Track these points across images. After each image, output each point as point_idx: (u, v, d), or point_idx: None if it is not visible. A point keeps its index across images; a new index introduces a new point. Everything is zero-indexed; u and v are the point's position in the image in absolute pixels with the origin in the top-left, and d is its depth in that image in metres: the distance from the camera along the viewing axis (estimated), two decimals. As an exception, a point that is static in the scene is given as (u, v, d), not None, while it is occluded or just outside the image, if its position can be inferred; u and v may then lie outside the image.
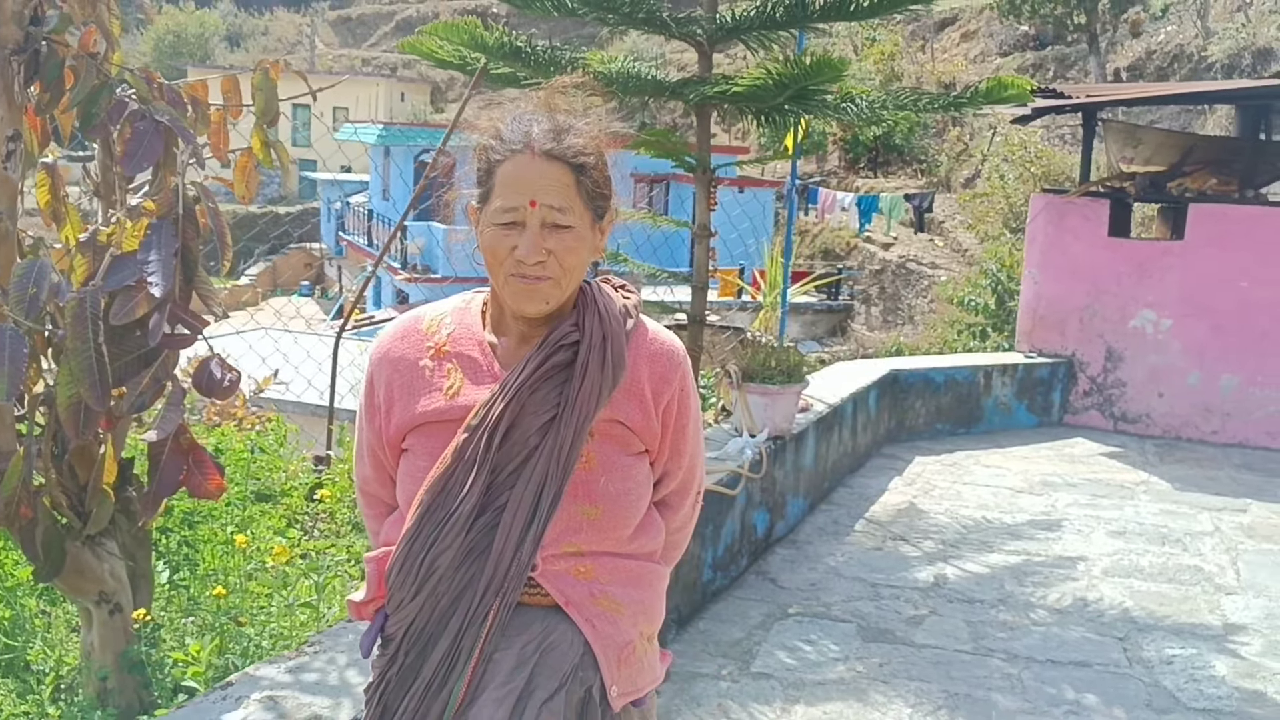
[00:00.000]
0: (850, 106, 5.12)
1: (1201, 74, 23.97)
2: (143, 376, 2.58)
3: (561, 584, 1.71)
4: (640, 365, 1.76)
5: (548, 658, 1.68)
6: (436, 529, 1.64)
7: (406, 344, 1.78)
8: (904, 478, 6.38)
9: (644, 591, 1.79)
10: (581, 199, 1.67)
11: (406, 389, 1.75)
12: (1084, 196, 7.73)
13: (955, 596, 4.62)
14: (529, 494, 1.64)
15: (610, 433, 1.73)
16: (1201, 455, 7.11)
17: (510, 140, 1.66)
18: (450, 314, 1.81)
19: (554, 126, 1.67)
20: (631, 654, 1.76)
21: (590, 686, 1.70)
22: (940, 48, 34.71)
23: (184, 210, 2.59)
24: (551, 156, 1.64)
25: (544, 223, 1.64)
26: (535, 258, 1.63)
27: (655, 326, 1.83)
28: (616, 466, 1.73)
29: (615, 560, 1.75)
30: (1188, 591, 4.75)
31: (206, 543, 3.48)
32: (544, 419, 1.67)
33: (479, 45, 4.71)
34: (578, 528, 1.70)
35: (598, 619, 1.72)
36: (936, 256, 24.03)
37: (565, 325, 1.71)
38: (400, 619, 1.70)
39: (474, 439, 1.65)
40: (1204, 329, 7.35)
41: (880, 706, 3.65)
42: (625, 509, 1.73)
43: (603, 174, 1.70)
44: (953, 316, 14.82)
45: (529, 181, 1.63)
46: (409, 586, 1.66)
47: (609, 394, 1.70)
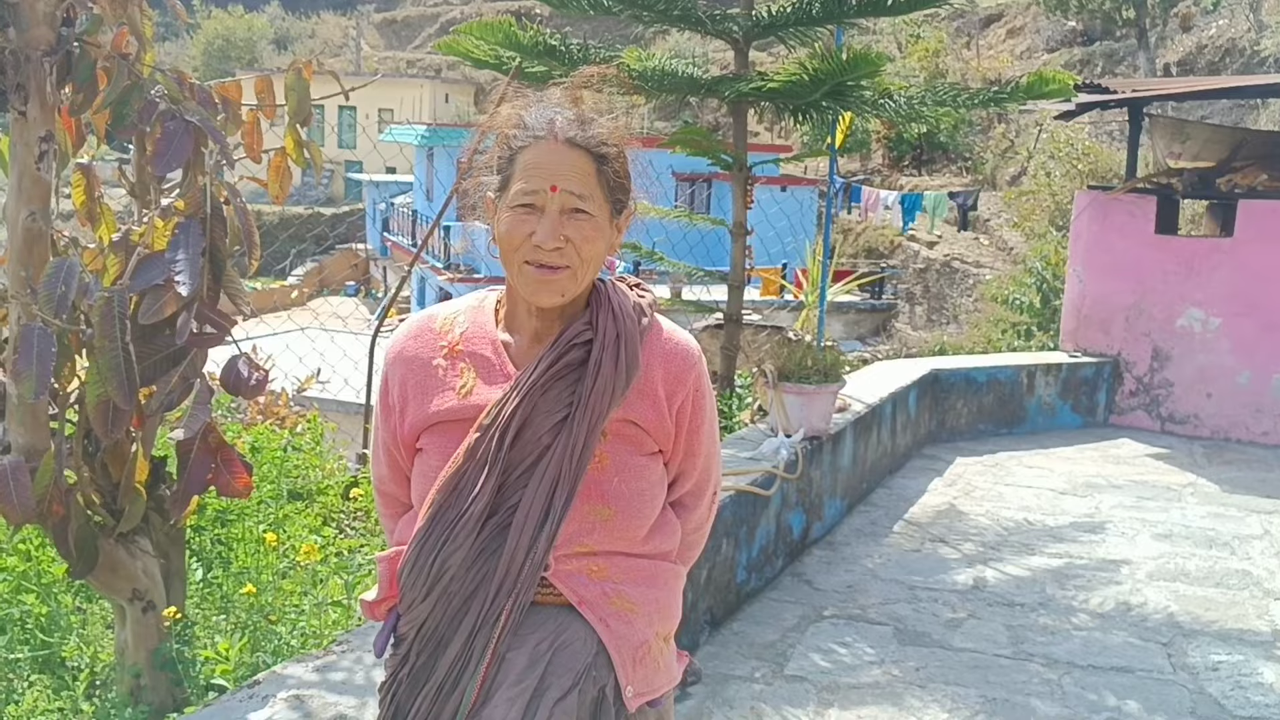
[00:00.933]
0: (888, 103, 5.07)
1: (1254, 68, 23.51)
2: (171, 375, 2.59)
3: (574, 583, 1.69)
4: (654, 364, 1.73)
5: (561, 656, 1.66)
6: (448, 529, 1.63)
7: (420, 343, 1.77)
8: (944, 479, 6.30)
9: (659, 591, 1.76)
10: (602, 189, 1.65)
11: (420, 388, 1.74)
12: (1130, 193, 7.60)
13: (995, 600, 4.54)
14: (541, 494, 1.62)
15: (623, 433, 1.71)
16: (1251, 457, 6.95)
17: (533, 127, 1.65)
18: (464, 312, 1.79)
19: (578, 116, 1.66)
20: (647, 654, 1.74)
21: (604, 686, 1.68)
22: (985, 44, 34.36)
23: (212, 210, 2.60)
24: (574, 144, 1.63)
25: (563, 209, 1.62)
26: (553, 243, 1.61)
27: (670, 325, 1.80)
28: (630, 467, 1.71)
29: (629, 560, 1.73)
30: (1235, 596, 4.64)
31: (239, 541, 3.50)
32: (556, 418, 1.65)
33: (514, 44, 4.71)
34: (590, 528, 1.68)
35: (612, 619, 1.70)
36: (981, 255, 23.78)
37: (578, 324, 1.70)
38: (412, 619, 1.68)
39: (486, 438, 1.64)
40: (1254, 328, 7.19)
41: (916, 711, 3.59)
42: (638, 509, 1.71)
43: (623, 167, 1.68)
44: (997, 315, 14.65)
45: (550, 167, 1.62)
46: (420, 586, 1.65)
47: (622, 393, 1.68)
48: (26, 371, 2.27)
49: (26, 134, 2.71)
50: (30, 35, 2.66)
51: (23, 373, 2.27)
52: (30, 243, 2.73)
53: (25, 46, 2.66)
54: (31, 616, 3.20)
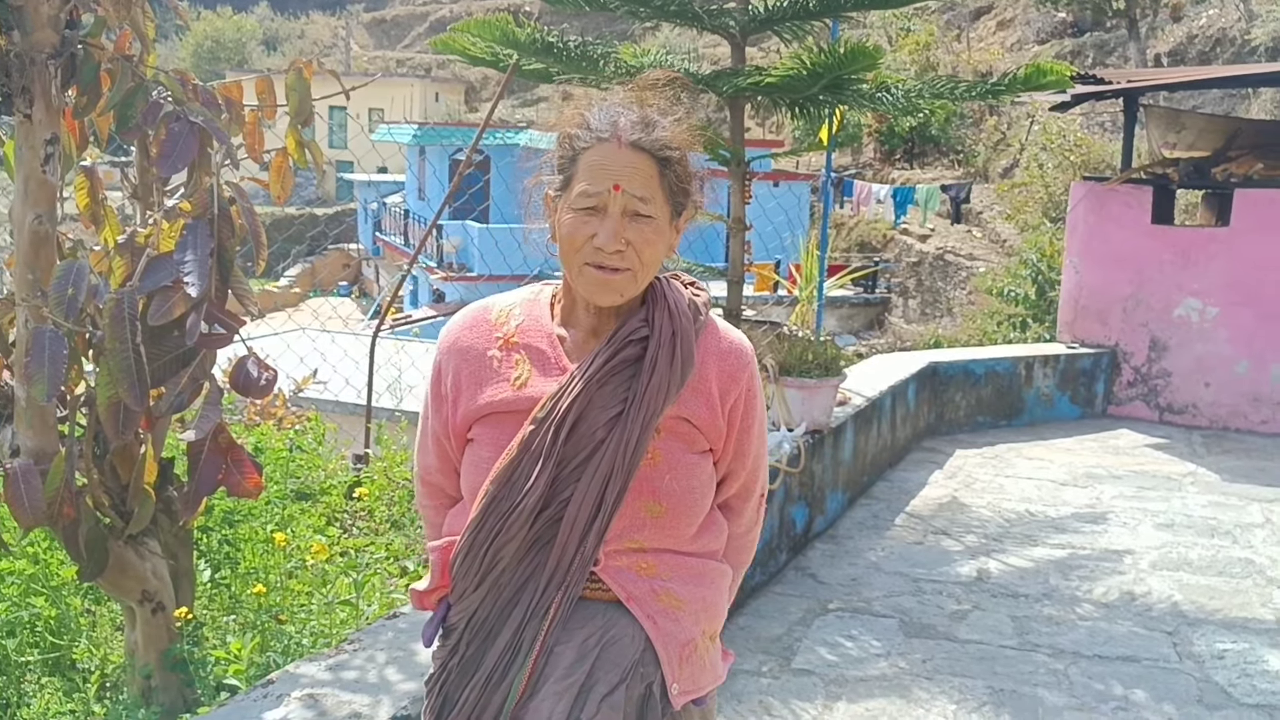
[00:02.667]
0: (885, 96, 5.06)
1: (1245, 58, 23.55)
2: (181, 376, 2.59)
3: (623, 579, 1.71)
4: (709, 363, 1.75)
5: (609, 652, 1.68)
6: (501, 520, 1.65)
7: (475, 334, 1.78)
8: (944, 471, 6.31)
9: (706, 589, 1.78)
10: (664, 192, 1.66)
11: (474, 378, 1.76)
12: (1126, 183, 7.61)
13: (999, 591, 4.56)
14: (594, 488, 1.64)
15: (676, 430, 1.72)
16: (1251, 446, 6.98)
17: (597, 128, 1.65)
18: (519, 305, 1.81)
19: (642, 118, 1.66)
20: (694, 652, 1.75)
21: (651, 682, 1.70)
22: (976, 36, 34.35)
23: (219, 211, 2.60)
24: (638, 147, 1.64)
25: (625, 210, 1.63)
26: (614, 245, 1.62)
27: (725, 325, 1.82)
28: (681, 464, 1.72)
29: (677, 558, 1.74)
30: (1239, 584, 4.66)
31: (247, 541, 3.50)
32: (611, 413, 1.66)
33: (510, 41, 4.70)
34: (641, 524, 1.70)
35: (659, 616, 1.71)
36: (974, 248, 23.79)
37: (635, 320, 1.71)
38: (463, 609, 1.71)
39: (541, 431, 1.65)
40: (1252, 317, 7.21)
41: (924, 703, 3.60)
42: (689, 507, 1.73)
43: (686, 170, 1.69)
44: (992, 308, 14.65)
45: (614, 169, 1.63)
46: (472, 576, 1.67)
47: (677, 391, 1.69)
48: (39, 374, 2.27)
49: (32, 137, 2.71)
50: (35, 38, 2.65)
51: (35, 375, 2.27)
52: (37, 246, 2.73)
53: (30, 50, 2.65)
54: (41, 619, 3.20)
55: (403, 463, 4.90)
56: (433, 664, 1.79)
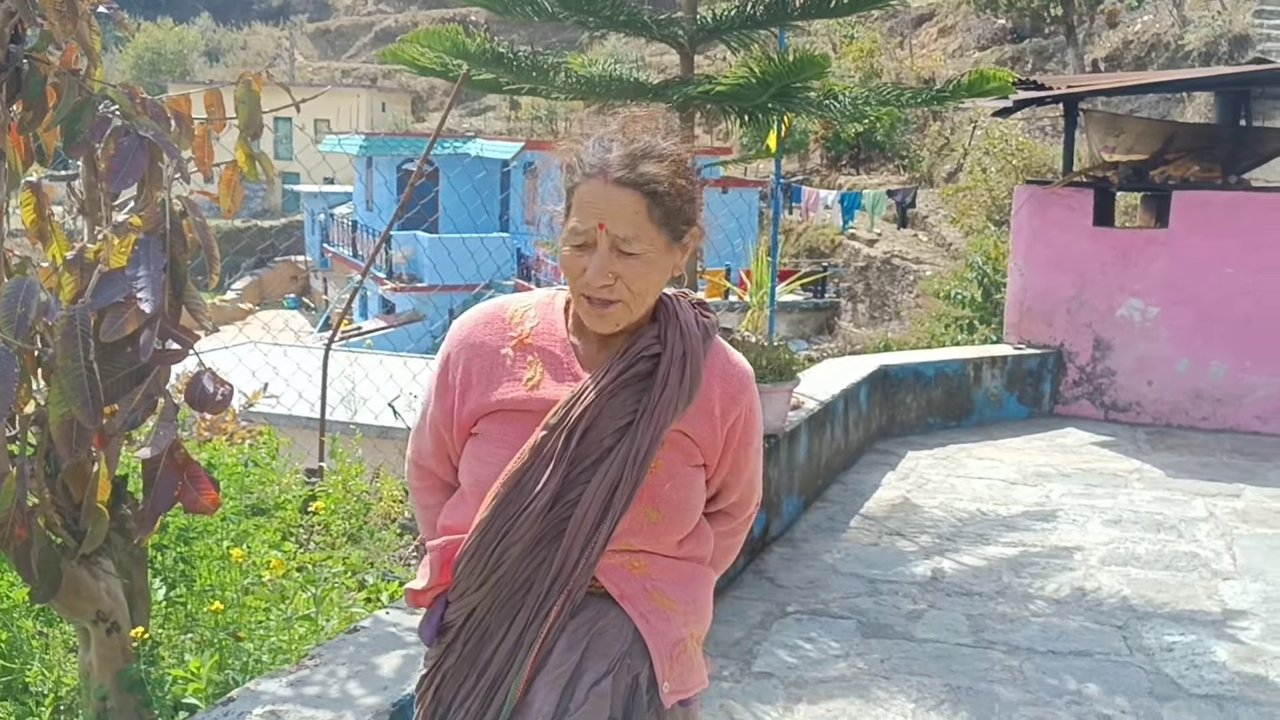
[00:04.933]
0: (833, 103, 5.13)
1: (1179, 62, 24.07)
2: (134, 393, 2.56)
3: (616, 577, 1.75)
4: (713, 383, 1.81)
5: (597, 642, 1.72)
6: (509, 521, 1.68)
7: (490, 330, 1.82)
8: (897, 472, 6.38)
9: (695, 592, 1.83)
10: (654, 224, 1.68)
11: (485, 375, 1.79)
12: (1068, 187, 7.76)
13: (954, 590, 4.62)
14: (601, 493, 1.68)
15: (677, 443, 1.78)
16: (1193, 442, 7.13)
17: (588, 164, 1.69)
18: (535, 308, 1.84)
19: (629, 153, 1.68)
20: (683, 652, 1.80)
21: (638, 674, 1.74)
22: (918, 43, 34.79)
23: (171, 225, 2.58)
24: (623, 184, 1.66)
25: (613, 247, 1.66)
26: (601, 281, 1.66)
27: (729, 348, 1.88)
28: (680, 475, 1.77)
29: (666, 561, 1.80)
30: (1185, 578, 4.76)
31: (202, 558, 3.47)
32: (621, 423, 1.71)
33: (461, 52, 4.70)
34: (637, 529, 1.74)
35: (651, 615, 1.76)
36: (921, 252, 24.07)
37: (647, 337, 1.76)
38: (463, 606, 1.73)
39: (553, 436, 1.69)
40: (1191, 316, 7.38)
41: (883, 703, 3.65)
42: (683, 516, 1.79)
43: (681, 198, 1.70)
44: (939, 311, 14.85)
45: (599, 206, 1.66)
46: (476, 576, 1.70)
47: (684, 407, 1.75)
48: (-11, 393, 2.23)
49: (-23, 153, 2.67)
50: (-22, 53, 2.62)
51: (-15, 395, 2.24)
52: (-17, 263, 2.69)
53: (-27, 64, 2.62)
54: (-9, 643, 3.15)
55: (358, 475, 4.88)
56: (424, 664, 1.81)
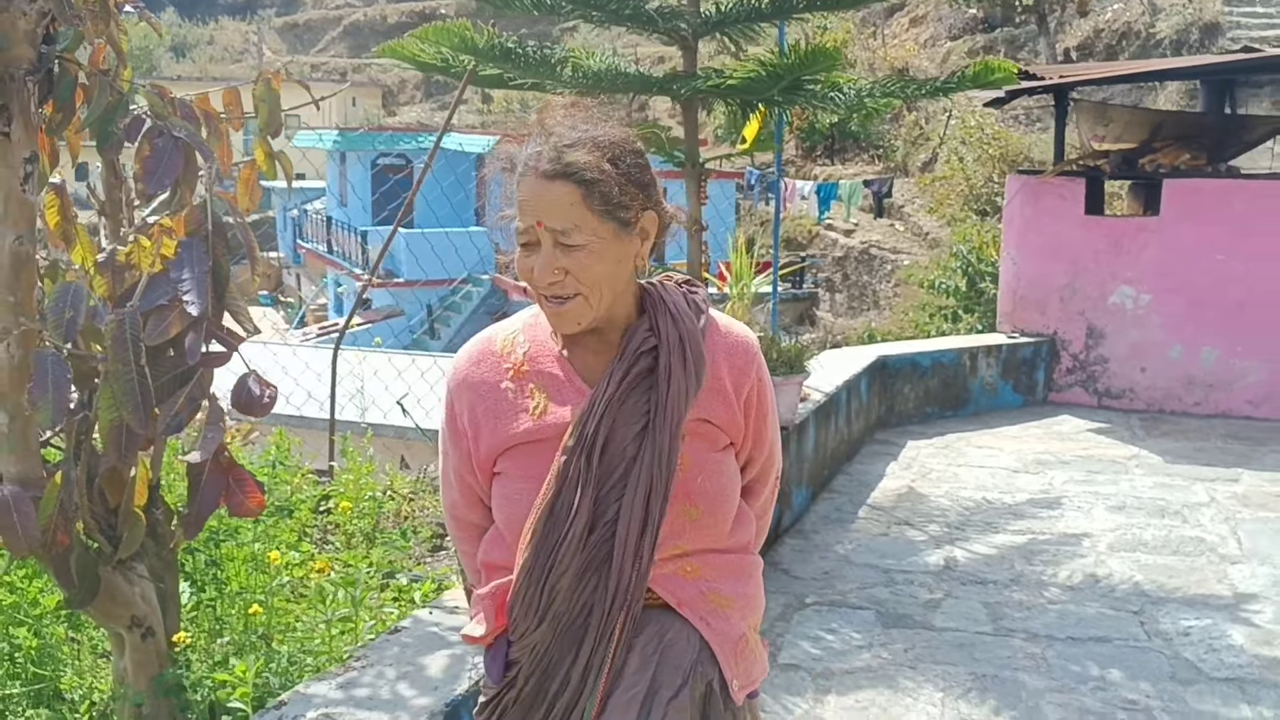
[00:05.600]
0: (838, 95, 5.14)
1: (1150, 51, 24.26)
2: (178, 397, 2.54)
3: (672, 585, 1.72)
4: (719, 360, 1.76)
5: (668, 655, 1.69)
6: (551, 554, 1.64)
7: (484, 368, 1.78)
8: (899, 462, 6.42)
9: (747, 584, 1.81)
10: (593, 214, 1.63)
11: (491, 413, 1.75)
12: (1059, 176, 7.81)
13: (968, 578, 4.66)
14: (638, 504, 1.64)
15: (698, 431, 1.74)
16: (1187, 427, 7.21)
17: (521, 163, 1.66)
18: (521, 331, 1.80)
19: (555, 146, 1.64)
20: (745, 647, 1.79)
21: (710, 680, 1.73)
22: (891, 33, 34.89)
23: (214, 227, 2.56)
24: (551, 176, 1.62)
25: (555, 242, 1.63)
26: (548, 278, 1.63)
27: (725, 319, 1.83)
28: (709, 464, 1.74)
29: (718, 556, 1.77)
30: (1194, 563, 4.82)
31: (230, 561, 3.44)
32: (637, 428, 1.67)
33: (469, 48, 4.68)
34: (681, 529, 1.71)
35: (711, 616, 1.74)
36: (898, 241, 24.17)
37: (641, 331, 1.71)
38: (526, 645, 1.69)
39: (574, 459, 1.65)
40: (1183, 303, 7.45)
41: (911, 692, 3.67)
42: (723, 505, 1.75)
43: (619, 183, 1.65)
44: (922, 300, 14.92)
45: (534, 203, 1.63)
46: (533, 615, 1.66)
47: (695, 393, 1.70)
48: (43, 400, 2.21)
49: (10, 156, 2.63)
50: (12, 54, 2.58)
51: (39, 401, 2.22)
52: (18, 268, 2.64)
53: (7, 66, 2.58)
54: (21, 650, 3.11)
55: (369, 473, 4.86)
56: (483, 694, 1.78)
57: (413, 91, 47.83)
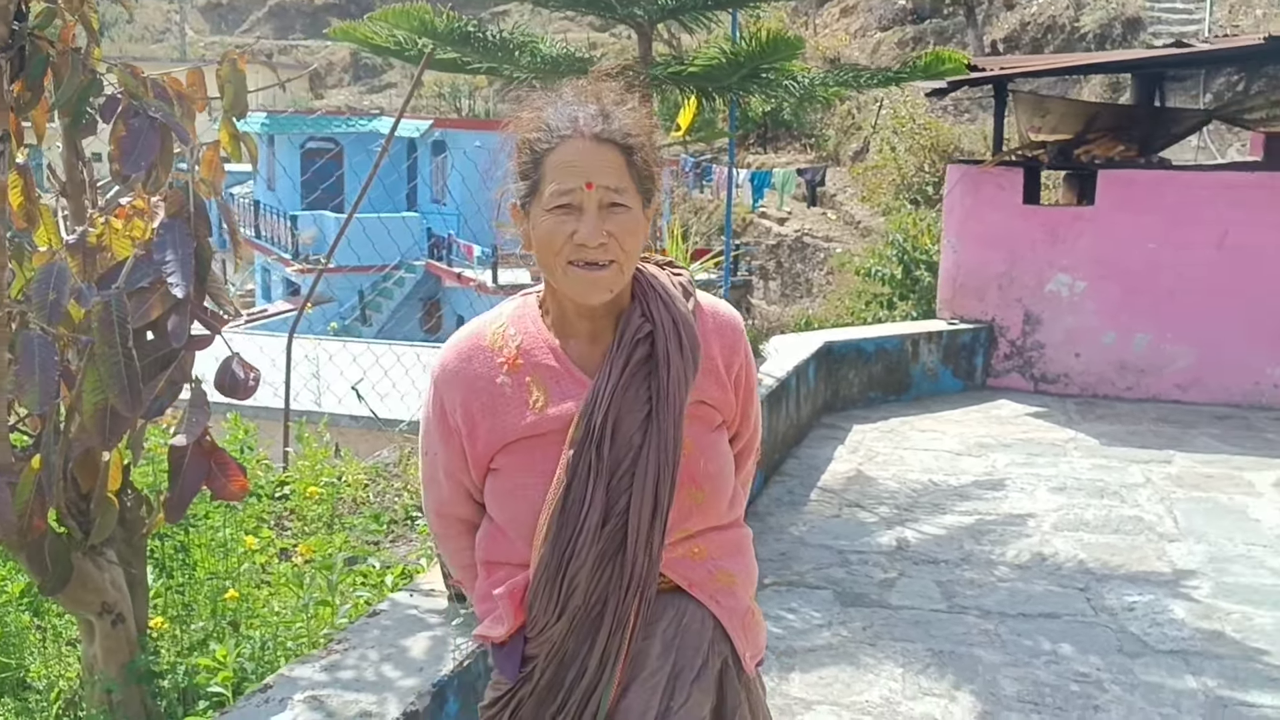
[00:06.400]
0: (792, 84, 5.20)
1: (1074, 44, 24.79)
2: (159, 380, 2.51)
3: (682, 568, 1.76)
4: (710, 341, 1.78)
5: (686, 638, 1.73)
6: (568, 546, 1.65)
7: (476, 364, 1.76)
8: (846, 446, 6.53)
9: (745, 558, 1.87)
10: (633, 180, 1.66)
11: (488, 409, 1.73)
12: (998, 166, 7.98)
13: (920, 558, 4.77)
14: (648, 491, 1.66)
15: (696, 414, 1.76)
16: (1120, 411, 7.43)
17: (557, 128, 1.65)
18: (510, 324, 1.78)
19: (601, 110, 1.67)
20: (751, 619, 1.85)
21: (725, 657, 1.77)
22: (821, 23, 35.19)
23: (195, 209, 2.53)
24: (601, 139, 1.64)
25: (601, 204, 1.62)
26: (597, 239, 1.61)
27: (710, 299, 1.85)
28: (709, 445, 1.77)
29: (719, 534, 1.81)
30: (1134, 541, 4.99)
31: (197, 547, 3.41)
32: (641, 416, 1.68)
33: (428, 31, 4.66)
34: (688, 513, 1.74)
35: (720, 595, 1.78)
36: (830, 230, 24.44)
37: (635, 318, 1.71)
38: (545, 639, 1.70)
39: (583, 452, 1.65)
40: (1117, 290, 7.67)
41: (872, 668, 3.76)
42: (724, 485, 1.79)
43: (649, 157, 1.69)
44: (857, 288, 15.12)
45: (582, 165, 1.62)
46: (553, 609, 1.67)
47: (694, 376, 1.72)
48: (30, 382, 2.18)
49: (-19, 134, 2.58)
50: (-15, 30, 2.53)
51: (25, 384, 2.18)
52: (-11, 249, 2.60)
53: (-21, 42, 2.53)
54: (-14, 639, 3.06)
55: (325, 459, 4.83)
56: (494, 691, 1.78)
57: (341, 74, 47.13)
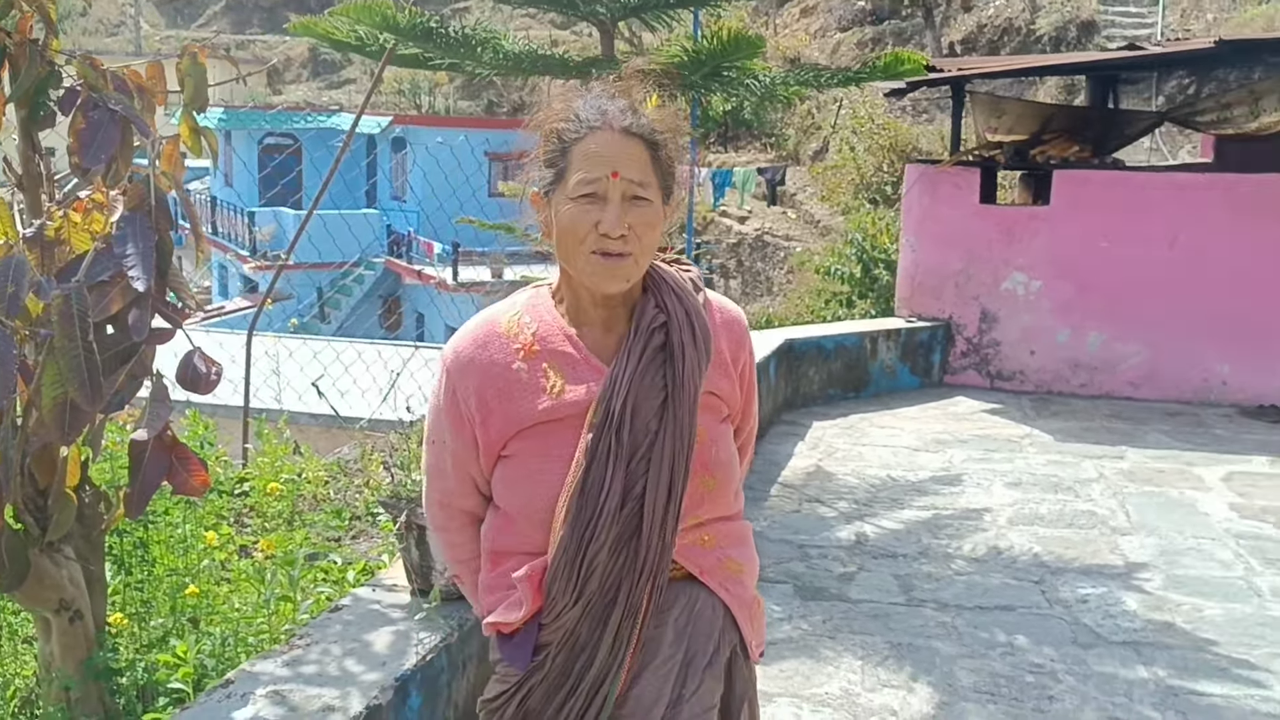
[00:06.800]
0: (753, 83, 5.24)
1: (1030, 46, 25.08)
2: (119, 374, 2.50)
3: (694, 555, 1.78)
4: (719, 335, 1.82)
5: (698, 625, 1.76)
6: (587, 529, 1.66)
7: (492, 350, 1.78)
8: (806, 442, 6.58)
9: (749, 549, 1.89)
10: (657, 176, 1.70)
11: (504, 395, 1.75)
12: (956, 166, 8.07)
13: (878, 552, 4.82)
14: (664, 477, 1.68)
15: (706, 404, 1.79)
16: (1074, 408, 7.54)
17: (587, 119, 1.69)
18: (524, 311, 1.81)
19: (630, 104, 1.72)
20: (757, 608, 1.88)
21: (734, 644, 1.80)
22: (782, 23, 35.36)
23: (156, 202, 2.52)
24: (629, 132, 1.68)
25: (625, 196, 1.66)
26: (619, 230, 1.65)
27: (717, 296, 1.90)
28: (719, 435, 1.80)
29: (726, 524, 1.84)
30: (1088, 535, 5.07)
31: (155, 544, 3.39)
32: (657, 403, 1.71)
33: (390, 26, 4.65)
34: (700, 500, 1.76)
35: (729, 583, 1.81)
36: (790, 229, 24.57)
37: (650, 308, 1.75)
38: (560, 625, 1.71)
39: (603, 436, 1.67)
40: (1071, 289, 7.78)
41: (832, 661, 3.81)
42: (733, 474, 1.83)
43: (675, 153, 1.73)
44: (817, 286, 15.22)
45: (609, 155, 1.66)
46: (571, 591, 1.68)
47: (706, 366, 1.76)
48: (-12, 376, 2.16)
49: (-63, 126, 2.55)
50: (-60, 20, 2.50)
51: (-16, 378, 2.16)
52: (-55, 241, 2.57)
53: (-65, 32, 2.50)
54: (-62, 637, 3.03)
55: (285, 456, 4.81)
56: (500, 684, 1.78)
57: (299, 70, 46.71)
